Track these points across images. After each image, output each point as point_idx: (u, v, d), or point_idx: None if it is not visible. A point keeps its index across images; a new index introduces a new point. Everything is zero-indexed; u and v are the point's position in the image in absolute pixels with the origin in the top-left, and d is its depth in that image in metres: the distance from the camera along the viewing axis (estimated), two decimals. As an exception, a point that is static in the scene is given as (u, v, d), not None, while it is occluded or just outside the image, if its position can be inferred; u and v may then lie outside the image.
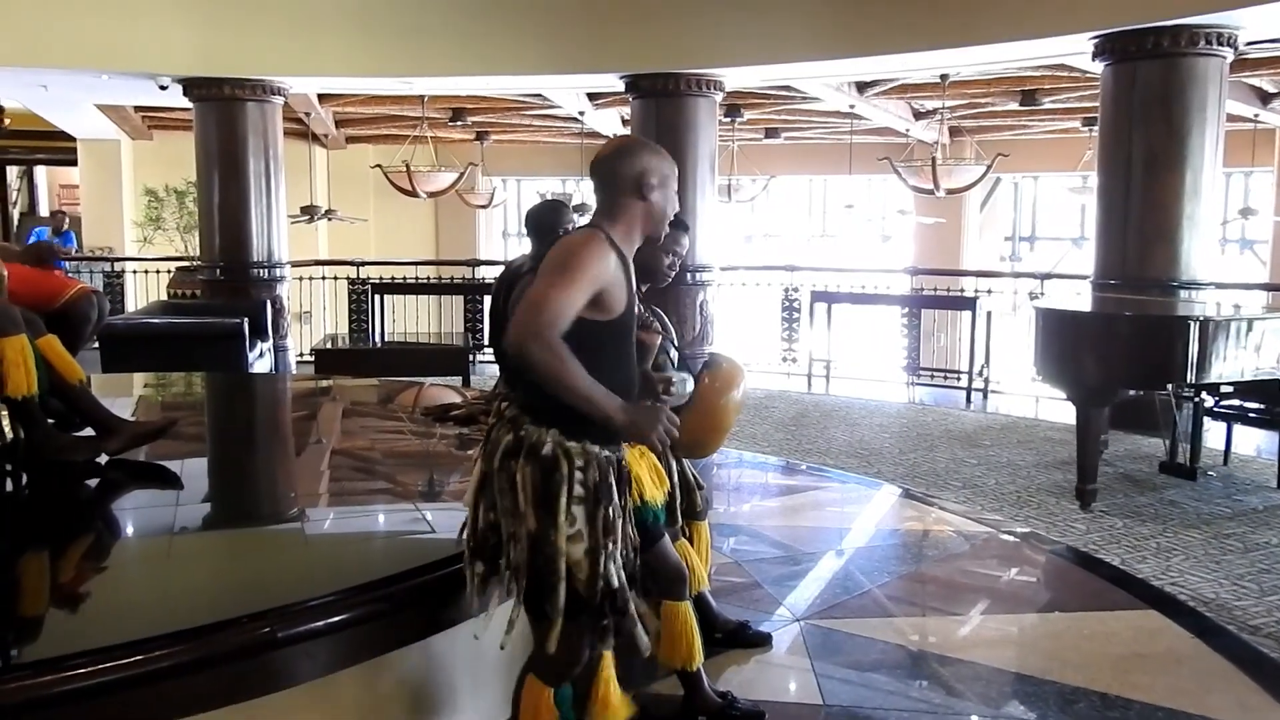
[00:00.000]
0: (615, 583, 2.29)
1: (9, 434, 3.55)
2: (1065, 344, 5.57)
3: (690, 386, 3.02)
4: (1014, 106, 11.21)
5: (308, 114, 12.28)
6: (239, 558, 3.02)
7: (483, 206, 14.95)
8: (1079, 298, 7.71)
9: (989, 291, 9.66)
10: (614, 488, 2.33)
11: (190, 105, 9.34)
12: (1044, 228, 16.20)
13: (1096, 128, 7.95)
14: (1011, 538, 4.98)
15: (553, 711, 2.41)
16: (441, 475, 4.00)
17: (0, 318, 3.28)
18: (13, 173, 17.44)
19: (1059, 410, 7.64)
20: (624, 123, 12.75)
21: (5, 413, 3.48)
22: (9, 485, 3.55)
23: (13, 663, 2.25)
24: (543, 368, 2.15)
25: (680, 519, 3.14)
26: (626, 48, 8.68)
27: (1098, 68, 7.50)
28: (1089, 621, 3.93)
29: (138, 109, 12.93)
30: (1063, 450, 6.55)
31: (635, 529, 2.42)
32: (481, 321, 10.57)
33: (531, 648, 2.42)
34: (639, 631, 2.38)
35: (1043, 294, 8.87)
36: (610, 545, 2.29)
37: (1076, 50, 7.60)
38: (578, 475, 2.27)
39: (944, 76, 9.59)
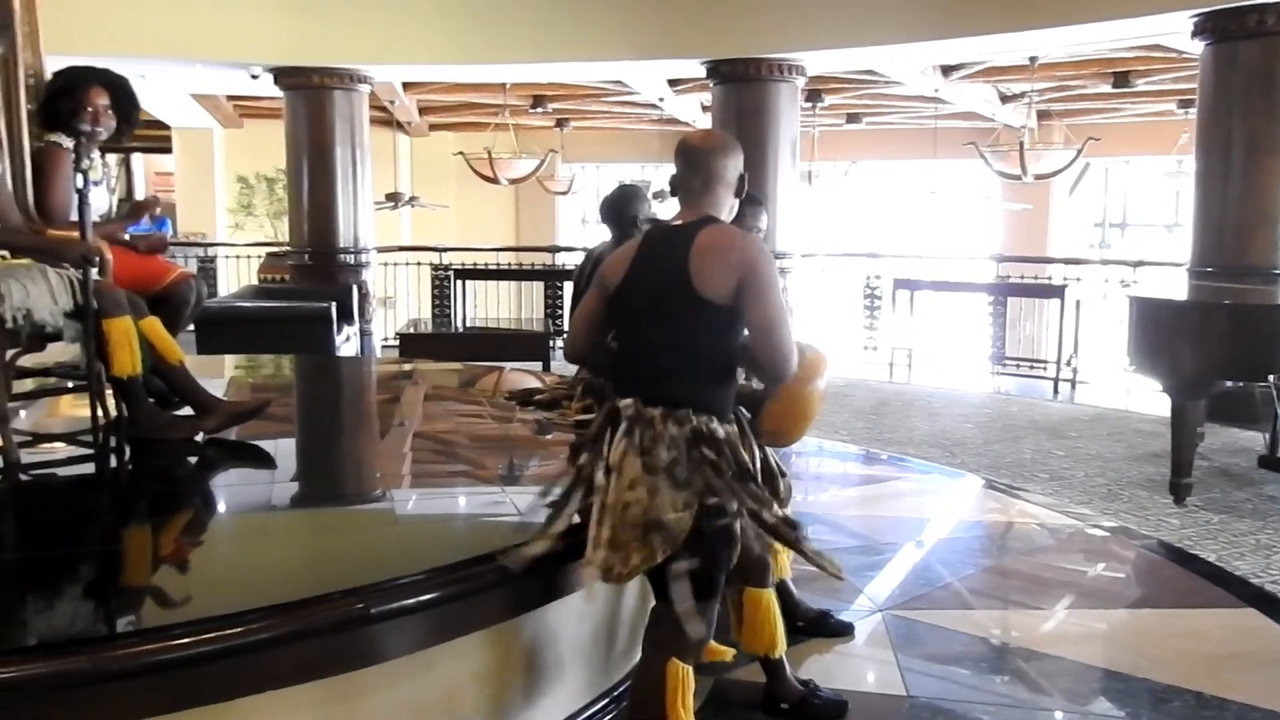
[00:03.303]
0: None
1: (113, 412, 3.68)
2: (1161, 334, 5.41)
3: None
4: (1106, 89, 10.88)
5: (392, 102, 12.48)
6: (329, 535, 3.09)
7: (562, 193, 15.04)
8: (1174, 286, 7.48)
9: (1078, 279, 9.42)
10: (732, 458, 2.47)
11: (280, 94, 9.57)
12: (1135, 214, 15.71)
13: (1193, 110, 7.69)
14: (1100, 532, 4.87)
15: (690, 685, 2.48)
16: (523, 459, 4.04)
17: (106, 300, 3.40)
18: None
19: (1151, 402, 7.43)
20: (704, 109, 12.71)
21: (110, 391, 3.61)
22: (113, 461, 3.68)
23: (120, 631, 2.34)
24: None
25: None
26: (708, 33, 8.65)
27: (1196, 48, 7.25)
28: (1182, 619, 3.83)
29: (230, 98, 13.29)
30: (1155, 443, 6.37)
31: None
32: (561, 308, 10.65)
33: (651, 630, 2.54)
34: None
35: (1136, 282, 8.62)
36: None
37: (1173, 30, 7.35)
38: (732, 451, 2.46)
39: (1033, 58, 9.34)
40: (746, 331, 2.50)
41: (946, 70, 10.54)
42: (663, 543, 2.36)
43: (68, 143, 3.79)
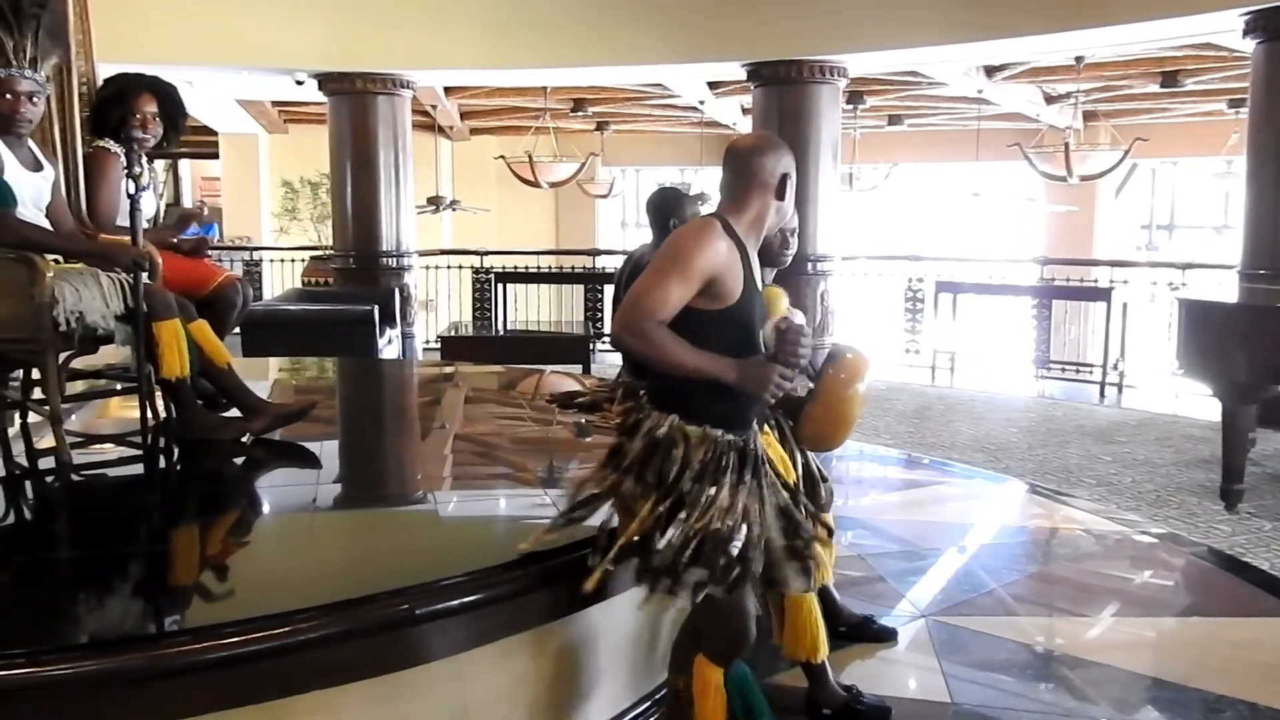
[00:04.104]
0: (733, 561, 2.27)
1: (162, 413, 3.74)
2: (1211, 337, 5.32)
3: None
4: (1153, 88, 10.71)
5: (434, 106, 12.57)
6: (372, 536, 3.12)
7: (602, 196, 15.06)
8: (1223, 289, 7.34)
9: (1124, 282, 9.28)
10: (733, 469, 2.31)
11: (324, 99, 9.67)
12: (1183, 216, 15.45)
13: (1244, 110, 7.55)
14: (1148, 538, 4.79)
15: (721, 693, 2.43)
16: (563, 461, 4.05)
17: (156, 303, 3.46)
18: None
19: (1200, 406, 7.30)
20: (744, 111, 12.68)
21: (159, 393, 3.67)
22: (162, 462, 3.74)
23: (170, 629, 2.38)
24: (641, 356, 2.29)
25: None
26: (749, 35, 8.63)
27: (1247, 46, 7.10)
28: (1234, 628, 3.76)
29: (275, 103, 13.47)
30: (1204, 448, 6.27)
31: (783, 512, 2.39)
32: (601, 310, 10.67)
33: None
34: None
35: (1184, 285, 8.47)
36: (728, 523, 2.26)
37: (1224, 28, 7.22)
38: (695, 455, 2.28)
39: (1079, 58, 9.22)
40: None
41: (990, 71, 10.44)
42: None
43: (116, 148, 3.86)
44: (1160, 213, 15.59)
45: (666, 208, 3.73)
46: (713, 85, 11.42)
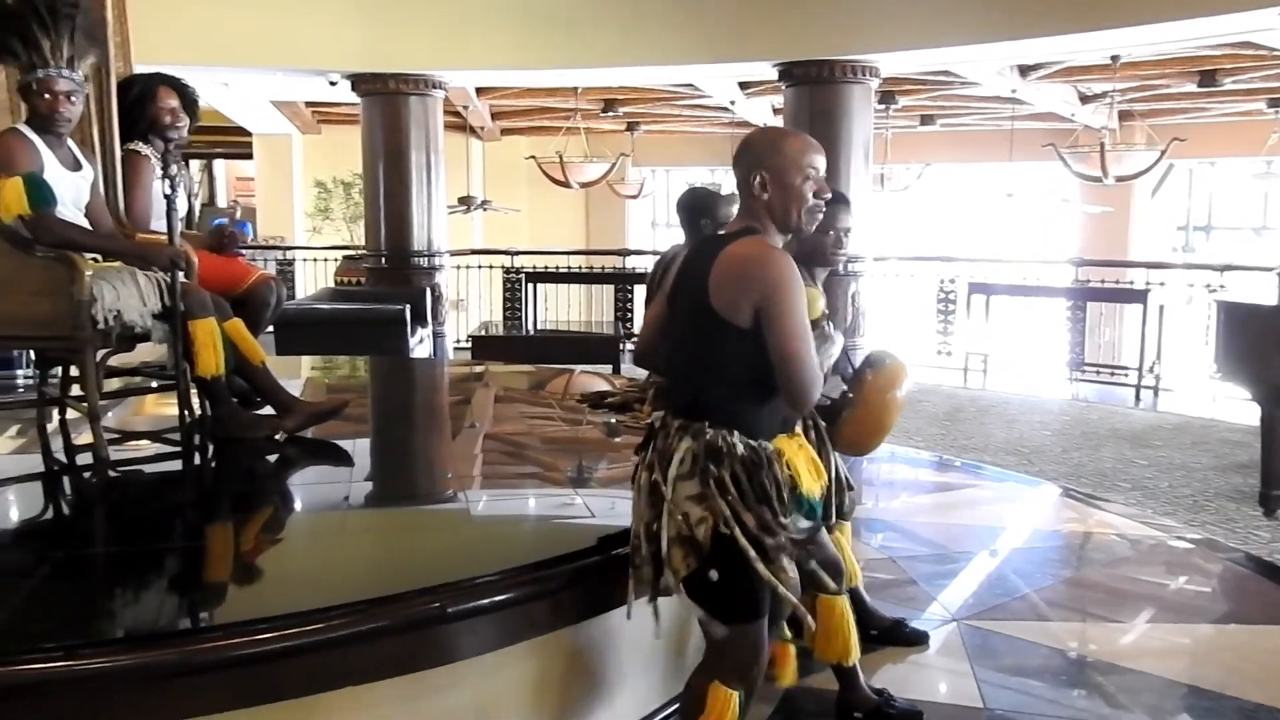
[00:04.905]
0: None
1: (197, 411, 3.78)
2: (1250, 340, 5.23)
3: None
4: (1191, 88, 10.56)
5: (465, 107, 12.63)
6: (403, 534, 3.15)
7: (632, 197, 15.08)
8: (1263, 291, 7.24)
9: (1161, 284, 9.17)
10: (745, 477, 2.27)
11: (357, 100, 9.74)
12: (1221, 216, 15.23)
13: (1286, 109, 7.44)
14: (1184, 544, 4.72)
15: (735, 712, 2.35)
16: (593, 461, 4.06)
17: (192, 302, 3.50)
18: (195, 167, 18.56)
19: (1238, 410, 7.20)
20: (775, 112, 12.64)
21: (195, 391, 3.71)
22: (197, 459, 3.79)
23: (204, 625, 2.40)
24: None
25: (833, 515, 3.09)
26: (781, 35, 8.60)
27: (1288, 45, 7.01)
28: (1272, 635, 3.70)
29: (309, 104, 13.58)
30: (1242, 453, 6.17)
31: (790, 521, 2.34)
32: (631, 311, 10.67)
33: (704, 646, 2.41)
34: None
35: (1222, 287, 8.35)
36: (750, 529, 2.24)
37: (1264, 26, 7.11)
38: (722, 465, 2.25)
39: (1115, 57, 9.11)
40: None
41: (1024, 70, 10.34)
42: (683, 558, 2.26)
43: (146, 150, 3.91)
44: (1197, 214, 15.38)
45: (698, 208, 3.73)
46: (744, 85, 11.39)
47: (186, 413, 3.60)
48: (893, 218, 15.61)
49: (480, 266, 11.77)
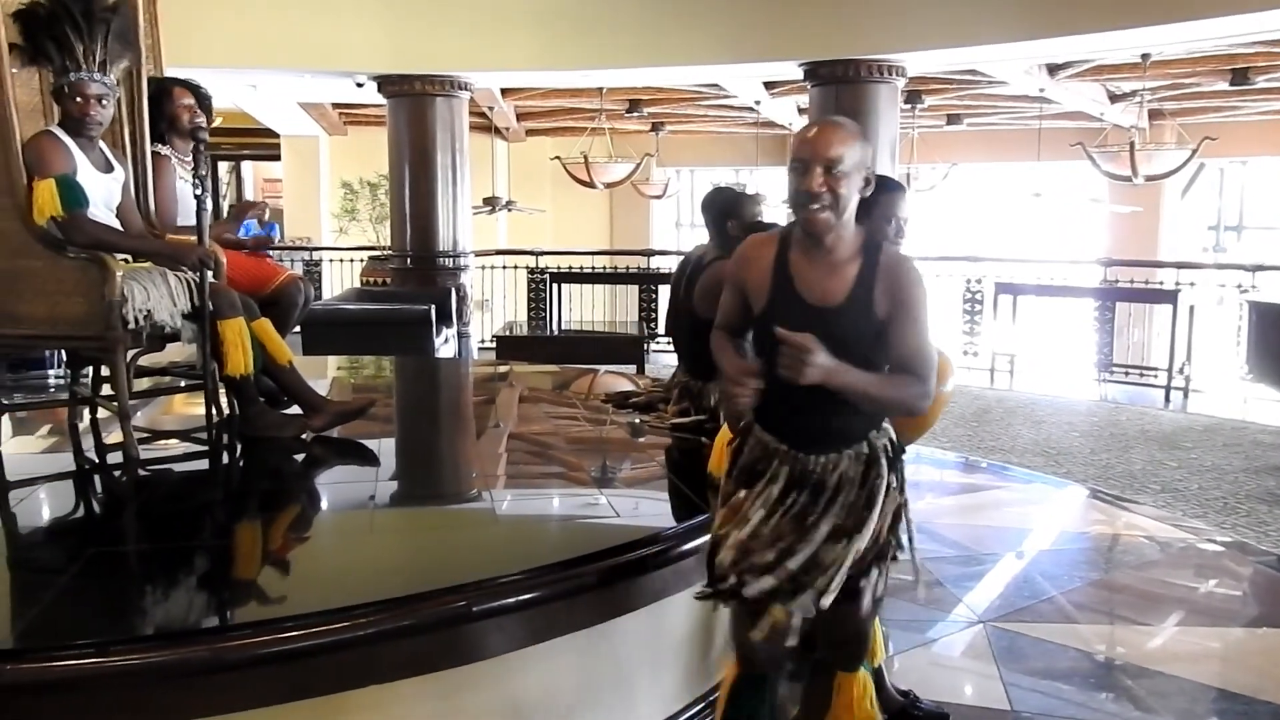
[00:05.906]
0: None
1: (226, 410, 3.82)
2: (1282, 341, 5.18)
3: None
4: (1222, 86, 10.45)
5: (491, 108, 12.68)
6: (429, 533, 3.16)
7: (657, 197, 15.08)
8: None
9: (1191, 284, 9.07)
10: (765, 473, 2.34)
11: (383, 101, 9.80)
12: (1253, 216, 15.05)
13: (1320, 107, 7.33)
14: (1214, 547, 4.67)
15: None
16: (617, 461, 4.06)
17: (221, 302, 3.53)
18: (223, 168, 18.73)
19: (1271, 411, 7.11)
20: (800, 111, 12.60)
21: (223, 390, 3.74)
22: (225, 458, 3.82)
23: (233, 622, 2.42)
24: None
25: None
26: (806, 35, 8.58)
27: (1323, 42, 6.91)
28: (1306, 640, 3.65)
29: (335, 106, 13.67)
30: (1275, 455, 6.10)
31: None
32: (655, 311, 10.67)
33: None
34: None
35: (1254, 287, 8.25)
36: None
37: (1297, 24, 7.03)
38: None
39: (1145, 56, 9.03)
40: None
41: (1053, 69, 10.26)
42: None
43: (166, 151, 3.96)
44: (1229, 213, 15.22)
45: (723, 208, 3.71)
46: (769, 85, 11.36)
47: (215, 412, 3.63)
48: (919, 217, 15.48)
49: (505, 267, 11.81)
